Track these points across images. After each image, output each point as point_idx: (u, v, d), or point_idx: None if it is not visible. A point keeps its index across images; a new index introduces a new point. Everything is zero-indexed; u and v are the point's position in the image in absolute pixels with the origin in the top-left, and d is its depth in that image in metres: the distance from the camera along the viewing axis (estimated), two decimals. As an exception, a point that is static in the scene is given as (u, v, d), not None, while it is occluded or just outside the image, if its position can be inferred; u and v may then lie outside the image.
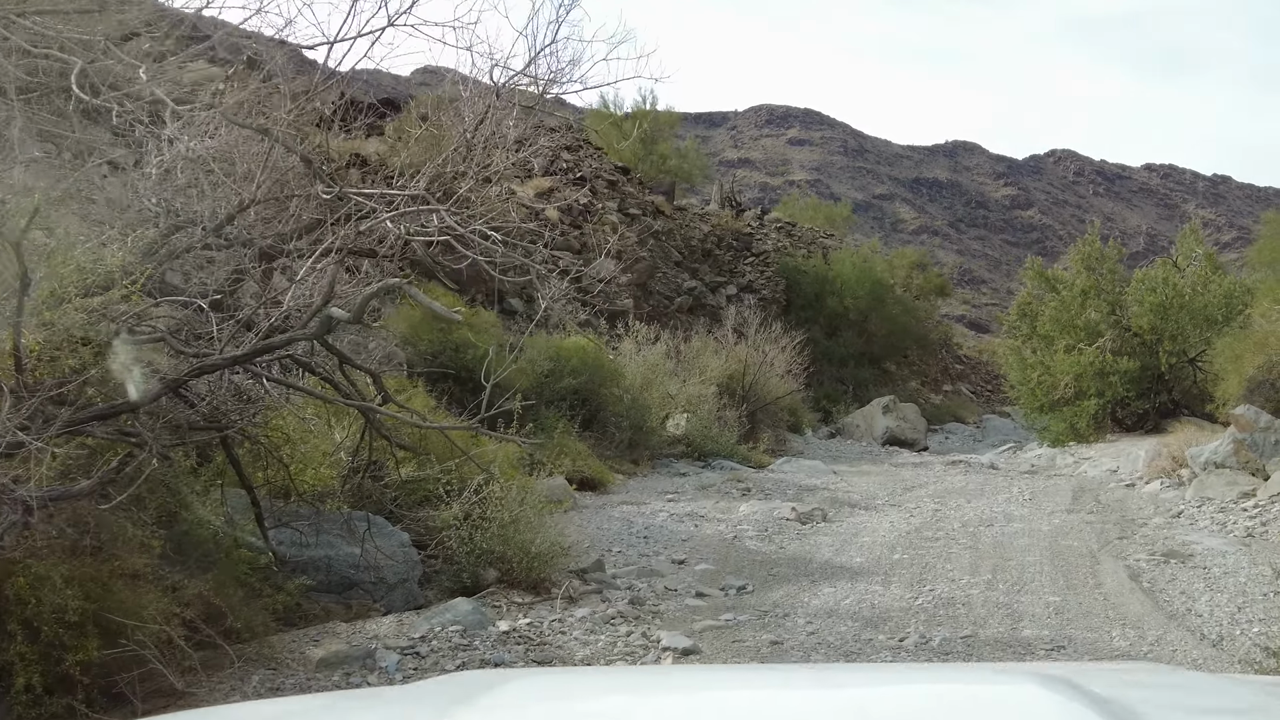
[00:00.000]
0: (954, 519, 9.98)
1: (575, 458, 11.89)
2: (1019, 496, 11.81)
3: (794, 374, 18.39)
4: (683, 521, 9.49)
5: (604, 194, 23.74)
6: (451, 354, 12.80)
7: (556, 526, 8.28)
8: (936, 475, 14.34)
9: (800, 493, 11.72)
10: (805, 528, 9.45)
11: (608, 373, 14.48)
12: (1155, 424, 18.32)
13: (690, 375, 16.50)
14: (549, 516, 8.84)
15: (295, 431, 5.74)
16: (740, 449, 15.66)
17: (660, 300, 24.07)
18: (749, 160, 73.51)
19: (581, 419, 13.82)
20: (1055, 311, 19.12)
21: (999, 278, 66.79)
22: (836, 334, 26.58)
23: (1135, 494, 12.14)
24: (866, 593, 6.84)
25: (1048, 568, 7.41)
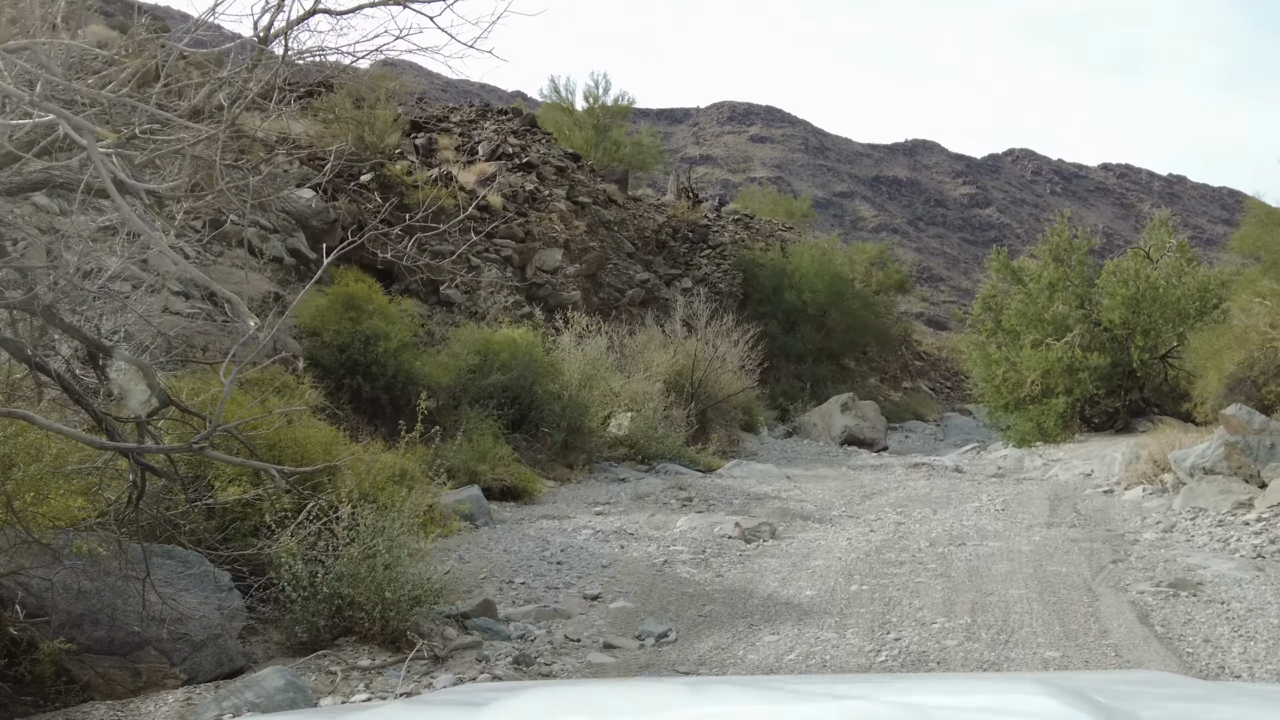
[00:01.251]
0: (919, 535, 8.54)
1: (496, 464, 10.34)
2: (990, 506, 10.40)
3: (748, 370, 16.92)
4: (608, 541, 7.96)
5: (552, 181, 22.15)
6: (360, 346, 11.19)
7: (441, 555, 6.74)
8: (898, 480, 12.92)
9: (748, 502, 10.23)
10: (749, 547, 7.95)
11: (542, 368, 12.93)
12: (1125, 423, 17.07)
13: (636, 371, 14.99)
14: (436, 541, 7.30)
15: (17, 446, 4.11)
16: (688, 451, 14.17)
17: (611, 293, 22.53)
18: (711, 157, 72.16)
19: (510, 419, 12.28)
20: (1021, 305, 17.79)
21: (957, 275, 66.02)
22: (794, 329, 25.16)
23: (1116, 502, 10.77)
24: (817, 642, 5.35)
25: (1037, 606, 5.95)
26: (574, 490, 11.12)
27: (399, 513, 5.40)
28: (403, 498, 5.80)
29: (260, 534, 5.19)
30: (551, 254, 20.57)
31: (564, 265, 20.60)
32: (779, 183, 65.02)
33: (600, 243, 22.70)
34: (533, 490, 10.48)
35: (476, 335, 12.92)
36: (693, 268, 26.06)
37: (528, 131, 23.30)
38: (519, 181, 21.19)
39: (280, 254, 14.09)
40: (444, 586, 5.74)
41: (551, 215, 20.96)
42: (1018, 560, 7.31)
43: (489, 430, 11.24)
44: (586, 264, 21.44)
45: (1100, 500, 10.92)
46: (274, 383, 8.79)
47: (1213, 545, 8.04)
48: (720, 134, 76.43)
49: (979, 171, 77.73)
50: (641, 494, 10.48)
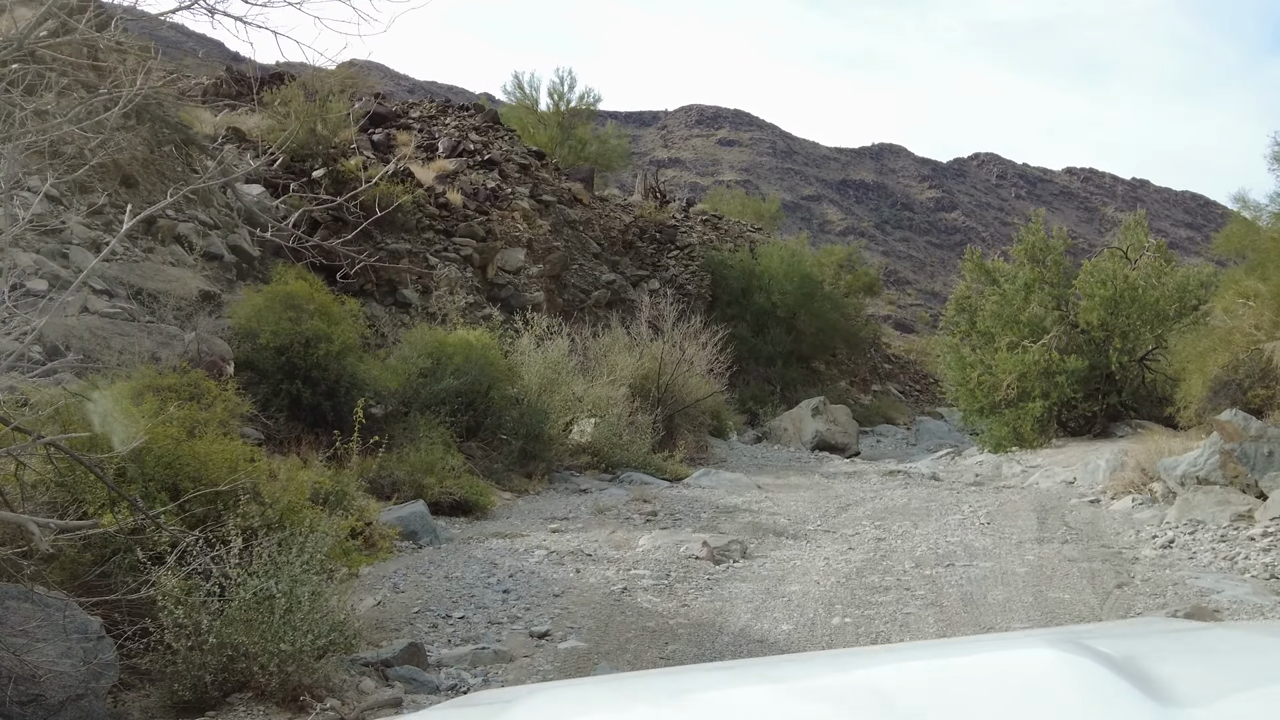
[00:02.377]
0: (903, 553, 7.78)
1: (445, 476, 9.47)
2: (974, 519, 9.68)
3: (716, 373, 16.15)
4: (562, 564, 7.13)
5: (515, 179, 21.29)
6: (300, 349, 10.28)
7: (372, 584, 5.90)
8: (874, 489, 12.19)
9: (716, 516, 9.44)
10: (718, 570, 7.15)
11: (499, 372, 12.07)
12: (1103, 428, 16.48)
13: (600, 375, 14.16)
14: (370, 567, 6.45)
15: None
16: (654, 459, 13.37)
17: (576, 294, 21.70)
18: (679, 160, 71.48)
19: (464, 427, 11.42)
20: (997, 306, 17.17)
21: (923, 279, 65.81)
22: (764, 331, 24.44)
23: (1105, 514, 10.10)
24: (797, 692, 4.55)
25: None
26: (531, 503, 10.28)
27: (304, 544, 4.54)
28: (314, 524, 4.94)
29: (140, 571, 4.32)
30: (514, 254, 19.71)
31: (527, 265, 19.74)
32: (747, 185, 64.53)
33: (565, 243, 21.86)
34: (486, 504, 9.62)
35: (429, 337, 12.04)
36: (660, 269, 25.29)
37: (490, 128, 22.41)
38: (480, 179, 20.31)
39: (220, 251, 13.13)
40: (362, 629, 4.90)
41: (514, 214, 20.09)
42: (1014, 585, 6.56)
43: (439, 439, 10.38)
44: (550, 264, 20.59)
45: (1088, 512, 10.24)
46: (192, 389, 7.91)
47: (1219, 564, 7.35)
48: (688, 137, 75.77)
49: (945, 175, 77.54)
50: (603, 507, 9.65)
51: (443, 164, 20.48)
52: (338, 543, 5.60)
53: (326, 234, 17.87)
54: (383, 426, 10.96)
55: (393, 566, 7.10)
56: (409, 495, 9.16)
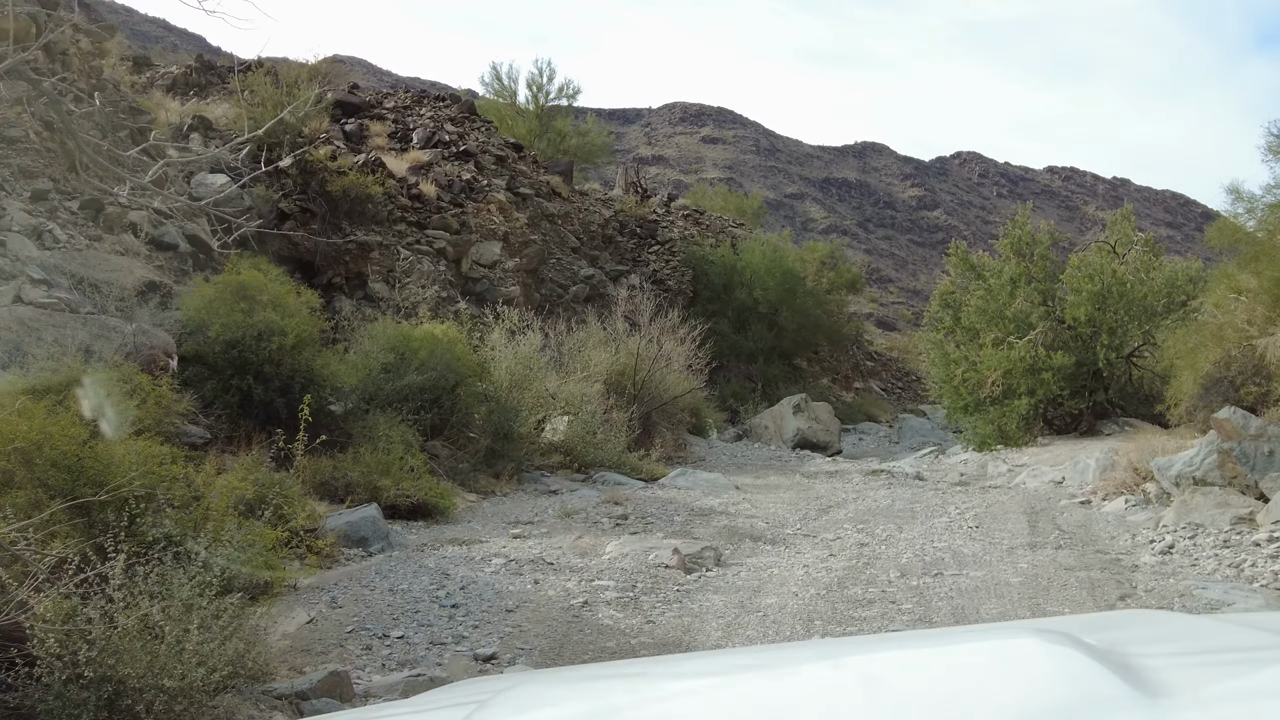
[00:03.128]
0: (887, 560, 7.22)
1: (402, 477, 8.85)
2: (961, 521, 9.13)
3: (695, 369, 15.57)
4: (520, 574, 6.53)
5: (491, 171, 20.64)
6: (252, 343, 9.63)
7: (308, 599, 5.29)
8: (856, 489, 11.64)
9: (690, 520, 8.85)
10: (689, 580, 6.57)
11: (467, 367, 11.45)
12: (1090, 426, 16.00)
13: (574, 371, 13.56)
14: (312, 576, 5.84)
15: None
16: (629, 458, 12.77)
17: (554, 288, 21.08)
18: (663, 157, 70.90)
19: (429, 425, 10.81)
20: (982, 301, 16.65)
21: (905, 277, 65.49)
22: (745, 327, 23.88)
23: (1098, 516, 9.57)
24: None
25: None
26: (496, 505, 9.67)
27: (205, 559, 3.93)
28: (218, 534, 4.32)
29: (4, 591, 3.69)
30: (490, 247, 19.07)
31: (503, 259, 19.12)
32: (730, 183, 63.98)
33: (543, 236, 21.24)
34: (447, 507, 9.00)
35: (392, 331, 11.40)
36: (640, 264, 24.70)
37: (466, 119, 21.75)
38: (455, 170, 19.66)
39: (175, 241, 12.45)
40: (283, 653, 4.29)
41: (490, 206, 19.45)
42: (1008, 597, 6.00)
43: (399, 438, 9.75)
44: (527, 258, 19.96)
45: (1079, 513, 9.71)
46: (124, 385, 7.27)
47: (1224, 572, 6.82)
48: (672, 134, 75.16)
49: (927, 174, 77.16)
50: (570, 510, 9.04)
51: (417, 155, 19.82)
52: (260, 555, 4.99)
53: (295, 225, 17.25)
54: (341, 425, 10.35)
55: (336, 576, 6.49)
56: (363, 498, 8.54)
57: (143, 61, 22.95)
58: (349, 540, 7.49)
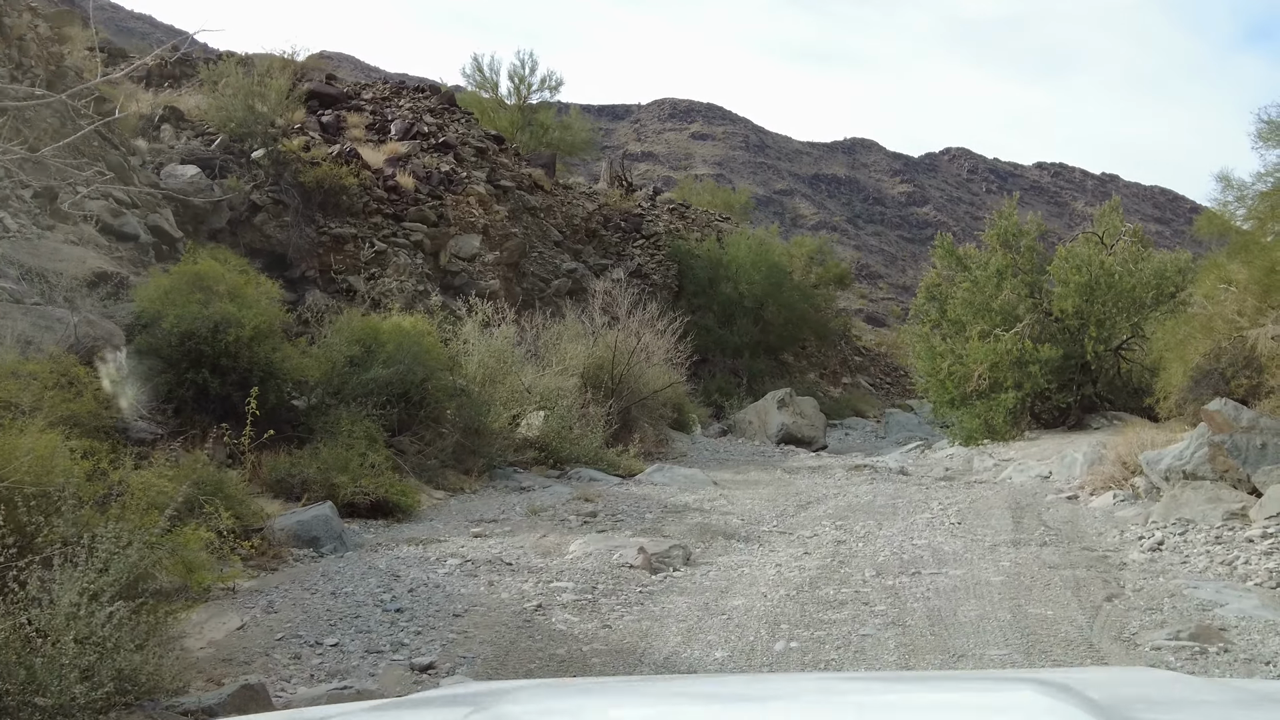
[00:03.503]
0: (864, 559, 6.86)
1: (361, 474, 8.46)
2: (943, 518, 8.78)
3: (676, 363, 15.20)
4: (475, 575, 6.15)
5: (471, 163, 20.23)
6: (208, 335, 9.23)
7: (245, 601, 4.92)
8: (838, 484, 11.29)
9: (662, 517, 8.48)
10: (654, 581, 6.20)
11: (437, 361, 11.06)
12: (1078, 420, 15.67)
13: (551, 365, 13.18)
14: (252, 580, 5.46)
15: None
16: (606, 454, 12.40)
17: (535, 282, 20.69)
18: (652, 154, 70.46)
19: (396, 420, 10.41)
20: (968, 294, 16.30)
21: (895, 273, 65.23)
22: (731, 322, 23.51)
23: (1085, 511, 9.22)
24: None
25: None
26: (463, 503, 9.29)
27: (102, 563, 3.54)
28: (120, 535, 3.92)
29: None
30: (469, 240, 18.67)
31: (482, 252, 18.71)
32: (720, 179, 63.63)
33: (524, 229, 20.84)
34: (409, 505, 8.61)
35: (358, 323, 11.00)
36: (625, 258, 24.32)
37: (445, 110, 21.33)
38: (434, 162, 19.25)
39: (136, 231, 12.03)
40: (189, 668, 3.91)
41: (469, 199, 19.04)
42: (988, 598, 5.64)
43: (362, 433, 9.36)
44: (508, 251, 19.56)
45: (1066, 509, 9.36)
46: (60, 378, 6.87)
47: (1216, 570, 6.47)
48: (661, 131, 74.71)
49: (916, 170, 76.82)
50: (538, 508, 8.66)
51: (395, 146, 19.40)
52: (183, 557, 4.60)
53: (267, 218, 16.82)
54: (303, 420, 9.96)
55: (280, 579, 6.11)
56: (319, 496, 8.15)
57: (117, 53, 22.51)
58: (299, 540, 7.10)
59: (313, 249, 16.40)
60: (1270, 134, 12.75)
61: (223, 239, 15.88)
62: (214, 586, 5.14)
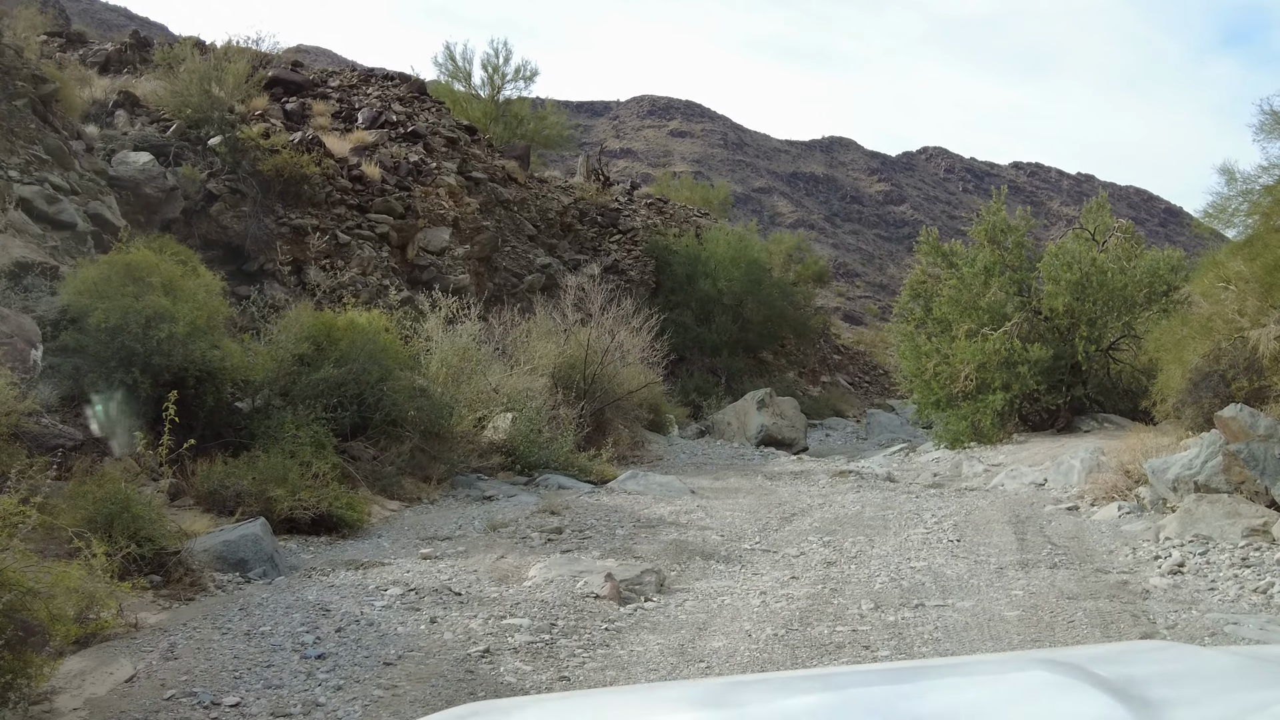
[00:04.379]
0: (858, 586, 6.06)
1: (302, 486, 7.58)
2: (939, 532, 8.01)
3: (652, 362, 14.38)
4: (417, 609, 5.30)
5: (441, 153, 19.31)
6: (139, 331, 8.32)
7: (145, 644, 4.05)
8: (823, 493, 10.51)
9: (635, 532, 7.65)
10: (623, 614, 5.37)
11: (395, 359, 10.19)
12: (1067, 422, 14.97)
13: (520, 363, 12.32)
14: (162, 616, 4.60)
15: None
16: (578, 458, 11.57)
17: (508, 277, 19.80)
18: (631, 150, 69.61)
19: (349, 423, 9.54)
20: (954, 291, 15.56)
21: (872, 271, 64.78)
22: (709, 319, 22.72)
23: (1089, 525, 8.47)
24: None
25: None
26: (419, 516, 8.43)
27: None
28: None
29: None
30: (438, 233, 17.76)
31: (452, 246, 17.82)
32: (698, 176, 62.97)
33: (496, 223, 19.94)
34: (357, 519, 7.74)
35: (309, 319, 10.10)
36: (601, 253, 23.47)
37: (415, 99, 20.40)
38: (402, 152, 18.32)
39: (74, 219, 11.06)
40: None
41: (439, 190, 18.13)
42: (1007, 639, 4.85)
43: (308, 439, 8.49)
44: (479, 245, 18.67)
45: (1068, 522, 8.61)
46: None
47: (1250, 599, 5.72)
48: (640, 128, 73.85)
49: (894, 169, 76.32)
50: (499, 522, 7.80)
51: (361, 135, 18.46)
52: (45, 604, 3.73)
53: (224, 208, 15.84)
54: (246, 423, 9.06)
55: (192, 614, 5.23)
56: (255, 510, 7.28)
57: (76, 38, 21.43)
58: (224, 564, 6.23)
59: (272, 241, 15.45)
60: (1272, 125, 12.08)
61: (177, 229, 14.91)
62: (58, 631, 4.27)
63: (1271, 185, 11.41)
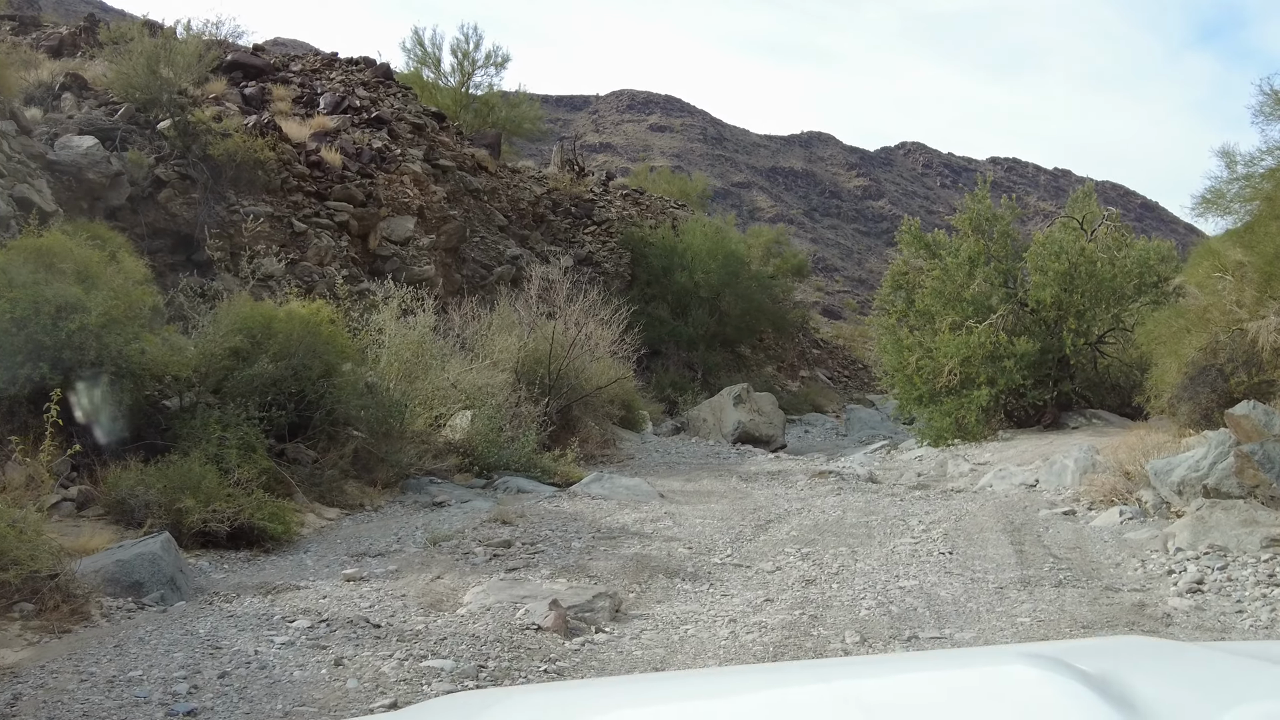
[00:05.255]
0: (841, 608, 5.25)
1: (214, 495, 6.69)
2: (928, 541, 7.22)
3: (623, 357, 13.54)
4: (326, 646, 4.44)
5: (407, 140, 18.39)
6: (48, 323, 7.41)
7: None
8: (801, 496, 9.71)
9: (593, 545, 6.81)
10: (568, 649, 4.53)
11: (340, 353, 9.30)
12: (1054, 419, 14.25)
13: (480, 358, 11.45)
14: None
15: None
16: (541, 459, 10.72)
17: (476, 269, 18.89)
18: (610, 145, 68.62)
19: (287, 423, 8.65)
20: (938, 283, 14.80)
21: (851, 266, 64.16)
22: (685, 312, 21.89)
23: (1090, 532, 7.70)
24: None
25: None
26: (357, 526, 7.56)
27: None
28: None
29: None
30: (402, 222, 16.84)
31: (417, 235, 16.90)
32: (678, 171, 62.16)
33: (464, 212, 19.03)
34: (282, 531, 6.86)
35: (245, 310, 9.19)
36: (575, 244, 22.61)
37: (381, 84, 19.44)
38: (365, 138, 17.38)
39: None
40: None
41: (403, 178, 17.21)
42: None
43: (236, 441, 7.60)
44: (445, 235, 17.76)
45: (1067, 530, 7.83)
46: None
47: (1286, 623, 4.95)
48: (620, 122, 72.86)
49: (872, 164, 75.65)
50: (442, 535, 6.93)
51: (323, 121, 17.50)
52: None
53: (172, 194, 14.87)
54: (171, 424, 8.17)
55: (61, 650, 4.36)
56: (165, 522, 6.40)
57: (29, 21, 20.38)
58: (117, 587, 5.35)
59: (223, 229, 14.49)
60: (1272, 107, 11.34)
61: (123, 217, 13.94)
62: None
63: (1275, 168, 10.68)
